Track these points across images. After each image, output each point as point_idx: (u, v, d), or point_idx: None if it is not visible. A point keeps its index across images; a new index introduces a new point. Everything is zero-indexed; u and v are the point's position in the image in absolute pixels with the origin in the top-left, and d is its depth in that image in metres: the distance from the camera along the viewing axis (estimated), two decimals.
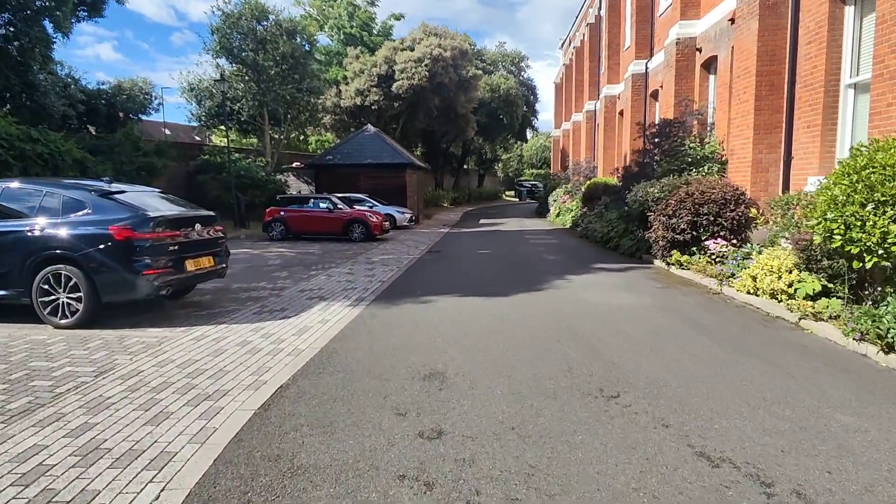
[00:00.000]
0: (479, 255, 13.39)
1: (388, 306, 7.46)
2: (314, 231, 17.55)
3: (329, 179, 24.84)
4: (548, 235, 18.62)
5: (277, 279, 9.86)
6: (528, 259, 12.49)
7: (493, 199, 52.04)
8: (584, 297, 7.85)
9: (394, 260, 12.66)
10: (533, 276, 10.00)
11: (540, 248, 14.93)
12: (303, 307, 7.40)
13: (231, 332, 6.06)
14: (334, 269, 11.07)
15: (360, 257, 13.16)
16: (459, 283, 9.37)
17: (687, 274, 9.27)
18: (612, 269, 10.66)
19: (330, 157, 25.11)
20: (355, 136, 26.00)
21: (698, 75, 13.04)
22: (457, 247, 15.63)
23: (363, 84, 28.45)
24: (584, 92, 28.98)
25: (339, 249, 14.89)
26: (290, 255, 13.52)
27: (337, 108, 29.70)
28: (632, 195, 11.44)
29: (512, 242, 16.56)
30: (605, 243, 14.04)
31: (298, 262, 12.17)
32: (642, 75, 17.14)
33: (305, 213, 17.54)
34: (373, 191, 24.19)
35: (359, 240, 17.10)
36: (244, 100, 22.78)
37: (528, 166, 77.31)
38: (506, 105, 37.58)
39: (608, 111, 21.42)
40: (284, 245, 16.12)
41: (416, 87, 27.32)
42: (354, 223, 17.18)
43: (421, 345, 5.55)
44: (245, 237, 18.72)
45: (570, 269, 10.74)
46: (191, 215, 7.20)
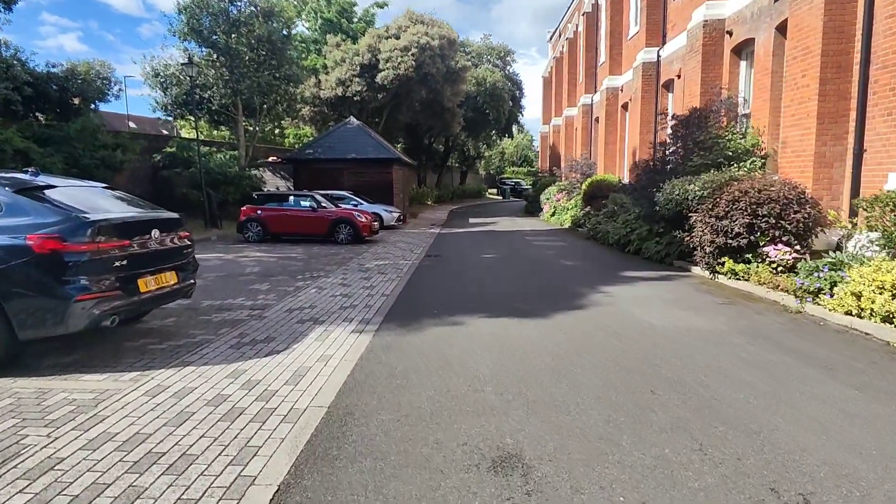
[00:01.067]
0: (486, 261, 11.91)
1: (402, 333, 5.90)
2: (295, 232, 15.80)
3: (309, 175, 23.02)
4: (550, 236, 17.26)
5: (258, 293, 8.19)
6: (543, 265, 11.07)
7: (477, 197, 50.62)
8: (642, 318, 6.43)
9: (391, 266, 11.07)
10: (560, 286, 8.57)
11: (549, 251, 13.54)
12: (294, 335, 5.78)
13: (200, 380, 4.42)
14: (324, 279, 9.43)
15: (351, 263, 11.53)
16: (477, 296, 7.87)
17: (744, 286, 7.96)
18: (648, 277, 9.30)
19: (310, 150, 23.28)
20: (337, 129, 24.21)
21: (728, 61, 11.81)
22: (456, 249, 14.12)
23: (345, 73, 26.62)
24: (576, 86, 27.79)
25: (326, 253, 13.21)
26: (270, 261, 11.79)
27: (316, 99, 27.80)
28: (664, 194, 10.11)
29: (515, 244, 15.13)
30: (623, 247, 12.72)
31: (281, 270, 10.48)
32: (653, 64, 15.91)
33: (285, 212, 15.78)
34: (357, 188, 22.49)
35: (345, 242, 15.43)
36: (215, 87, 20.75)
37: (509, 164, 76.42)
38: (492, 99, 36.13)
39: (609, 104, 20.19)
40: (262, 248, 14.34)
41: (401, 78, 25.64)
42: (341, 223, 15.50)
43: (467, 399, 4.03)
44: (217, 239, 16.83)
45: (598, 277, 9.35)
46: (146, 218, 5.51)
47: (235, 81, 20.51)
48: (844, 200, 8.29)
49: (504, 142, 69.38)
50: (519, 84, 41.70)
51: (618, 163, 20.40)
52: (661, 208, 10.25)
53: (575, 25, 27.58)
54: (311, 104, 28.03)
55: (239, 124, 22.29)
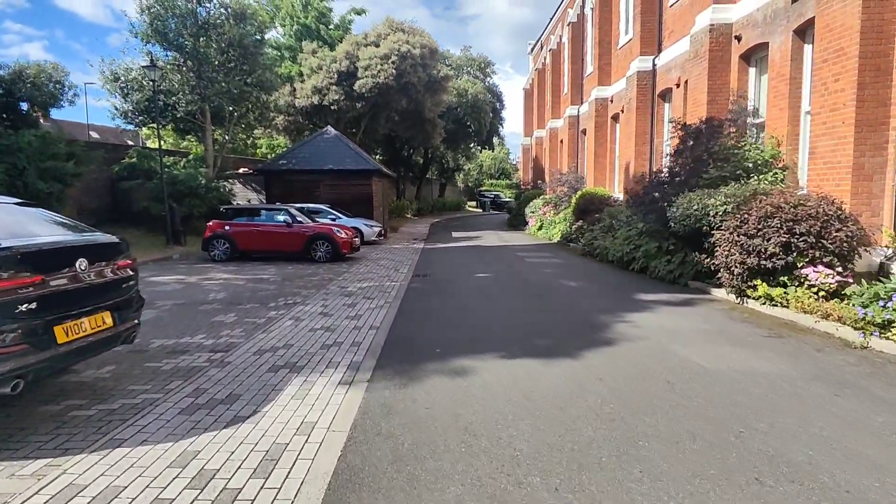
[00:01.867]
0: (482, 282, 10.82)
1: (402, 384, 4.73)
2: (267, 250, 14.44)
3: (282, 188, 21.65)
4: (542, 252, 16.30)
5: (222, 327, 6.89)
6: (546, 287, 10.03)
7: (457, 210, 49.72)
8: (687, 358, 5.41)
9: (376, 289, 9.87)
10: (575, 314, 7.52)
11: (546, 269, 12.53)
12: (265, 391, 4.55)
13: (133, 473, 3.17)
14: (302, 307, 8.17)
15: (331, 285, 10.28)
16: (483, 328, 6.76)
17: (785, 314, 7.03)
18: (668, 301, 8.33)
19: (283, 161, 21.93)
20: (313, 139, 22.95)
21: (736, 68, 11.11)
22: (445, 267, 12.99)
23: (321, 81, 25.42)
24: (560, 97, 27.22)
25: (302, 274, 11.92)
26: (238, 284, 10.44)
27: (291, 108, 26.49)
28: (679, 208, 9.21)
29: (508, 261, 14.10)
30: (626, 265, 11.80)
31: (251, 296, 9.16)
32: (649, 73, 15.24)
33: (257, 227, 14.42)
34: (334, 201, 21.23)
35: (324, 260, 14.15)
36: (181, 93, 19.29)
37: (488, 176, 76.04)
38: (473, 110, 35.39)
39: (599, 115, 19.51)
40: (230, 268, 12.95)
41: (381, 87, 24.58)
42: (318, 240, 14.22)
43: (511, 500, 2.88)
44: (179, 257, 15.33)
45: (612, 301, 8.35)
46: (70, 244, 4.24)
47: (203, 87, 19.11)
48: (886, 216, 7.51)
49: (483, 154, 69.06)
50: (499, 96, 41.21)
51: (608, 175, 19.68)
52: (675, 224, 9.34)
53: (559, 37, 27.07)
54: (285, 113, 26.71)
55: (207, 133, 20.83)
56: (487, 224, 32.49)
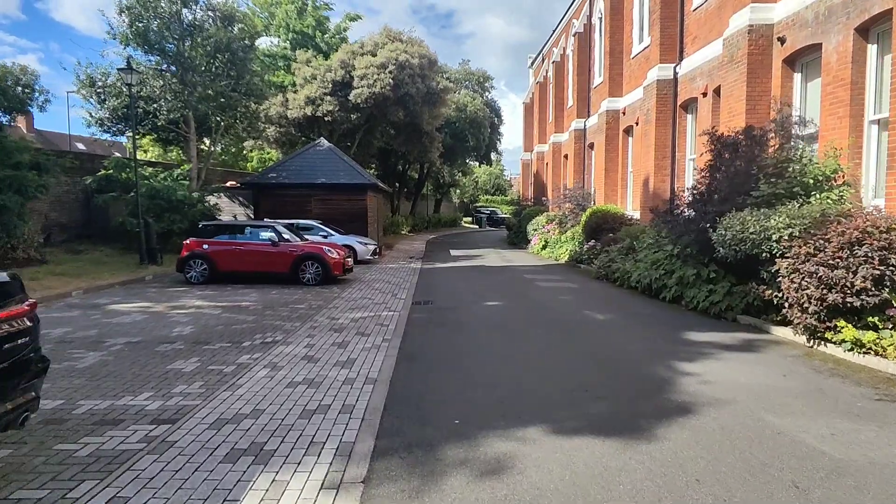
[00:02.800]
0: (494, 311, 9.40)
1: (413, 492, 3.28)
2: (250, 271, 12.94)
3: (272, 202, 20.25)
4: (553, 275, 14.93)
5: (176, 380, 5.41)
6: (572, 319, 8.63)
7: (453, 226, 48.46)
8: (800, 439, 3.99)
9: (372, 321, 8.43)
10: (623, 361, 6.12)
11: (563, 296, 11.15)
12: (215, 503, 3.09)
13: None
14: (282, 348, 6.70)
15: (319, 316, 8.82)
16: (512, 383, 5.33)
17: (880, 364, 5.67)
18: (727, 344, 6.94)
19: (273, 174, 20.54)
20: (305, 152, 21.61)
21: (779, 73, 9.91)
22: (449, 292, 11.58)
23: (315, 91, 24.17)
24: (563, 111, 26.15)
25: (288, 300, 10.44)
26: (211, 315, 8.95)
27: (283, 119, 25.19)
28: (729, 230, 7.88)
29: (517, 285, 12.71)
30: (655, 293, 10.45)
31: (222, 331, 7.68)
32: (669, 82, 14.08)
33: (239, 246, 12.95)
34: (327, 217, 19.86)
35: (313, 283, 12.69)
36: (162, 100, 17.93)
37: (483, 192, 75.10)
38: (472, 126, 34.30)
39: (610, 128, 18.34)
40: (206, 293, 11.45)
41: (377, 97, 23.36)
42: (307, 260, 12.77)
43: None
44: (152, 279, 13.80)
45: (660, 343, 6.95)
46: None
47: (187, 94, 17.75)
48: None
49: (478, 170, 68.10)
50: (497, 111, 40.23)
51: (619, 192, 18.45)
52: (724, 249, 7.99)
53: (562, 48, 26.10)
54: (277, 124, 25.41)
55: (191, 143, 19.43)
56: (486, 241, 31.19)
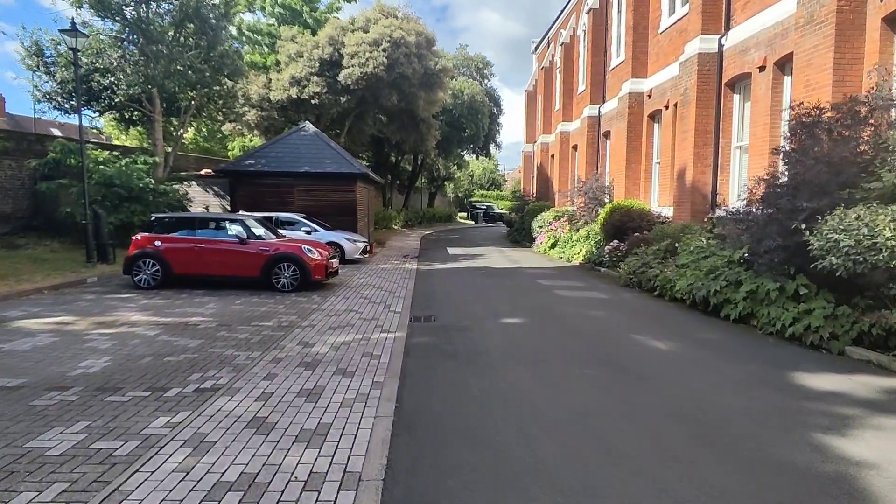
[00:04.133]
0: (516, 335, 7.28)
1: None
2: (213, 275, 10.71)
3: (250, 193, 17.99)
4: (571, 280, 12.84)
5: (25, 477, 3.22)
6: (623, 350, 6.53)
7: (448, 221, 46.25)
8: None
9: (358, 349, 6.28)
10: (737, 438, 4.01)
11: (596, 311, 9.05)
12: None
13: None
14: (222, 403, 4.53)
15: (288, 341, 6.65)
16: (576, 481, 3.22)
17: None
18: (868, 400, 4.86)
19: (251, 161, 18.24)
20: (288, 137, 19.32)
21: (876, 35, 7.85)
22: (454, 304, 9.44)
23: (300, 71, 21.82)
24: (573, 97, 24.02)
25: (252, 315, 8.24)
26: (142, 338, 6.72)
27: (265, 101, 22.83)
28: (845, 233, 5.80)
29: (535, 295, 10.60)
30: (714, 309, 8.39)
31: (146, 368, 5.48)
32: (713, 56, 11.99)
33: (199, 244, 10.69)
34: (311, 209, 17.67)
35: (288, 289, 10.50)
36: (121, 73, 15.56)
37: (478, 187, 73.01)
38: (471, 113, 32.07)
39: (633, 113, 16.24)
40: (154, 302, 9.21)
41: (369, 78, 21.06)
42: (282, 262, 10.56)
43: None
44: (97, 280, 11.52)
45: (768, 395, 4.87)
46: None
47: (150, 66, 15.39)
48: None
49: (473, 164, 65.91)
50: (497, 100, 38.02)
51: (642, 186, 16.38)
52: (839, 259, 5.89)
53: (572, 29, 23.92)
54: (258, 108, 23.04)
55: (156, 124, 17.08)
56: (485, 238, 29.09)
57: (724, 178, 12.07)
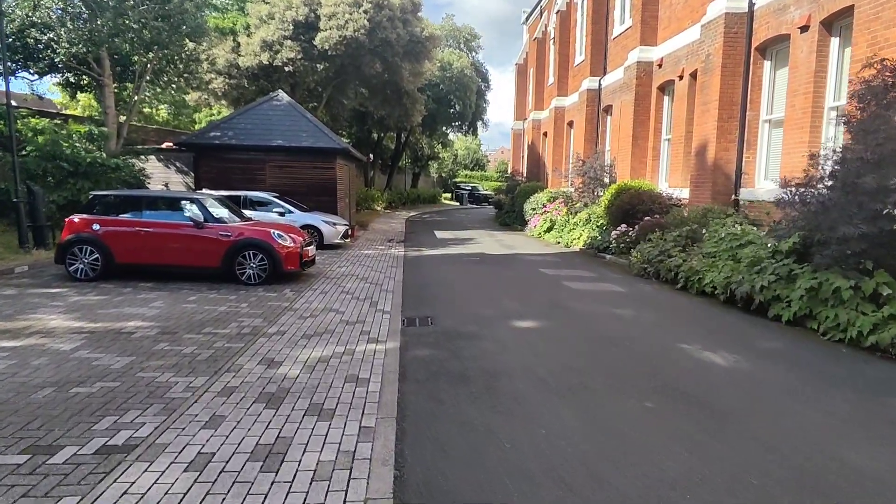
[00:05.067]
0: (535, 345, 5.87)
1: None
2: (165, 264, 9.03)
3: (216, 169, 16.16)
4: (577, 269, 11.49)
5: None
6: (673, 369, 5.17)
7: (432, 203, 44.55)
8: None
9: (340, 369, 4.78)
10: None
11: (620, 308, 7.69)
12: None
13: None
14: (134, 473, 3.00)
15: (247, 358, 5.11)
16: None
17: None
18: None
19: (217, 133, 16.34)
20: (258, 106, 17.40)
21: None
22: (452, 300, 7.98)
23: (272, 34, 19.74)
24: (568, 70, 22.44)
25: (207, 318, 6.64)
26: (51, 354, 5.07)
27: (233, 68, 20.73)
28: None
29: (543, 288, 9.20)
30: (760, 308, 7.12)
31: (40, 407, 3.88)
32: (742, 17, 10.56)
33: (146, 227, 8.96)
34: (285, 188, 15.96)
35: (255, 281, 8.90)
36: (63, 29, 13.44)
37: (462, 167, 71.28)
38: (458, 88, 30.25)
39: (641, 85, 14.78)
40: (87, 300, 7.53)
41: (349, 43, 19.12)
42: (247, 250, 8.93)
43: None
44: (28, 271, 9.72)
45: (866, 436, 3.58)
46: None
47: (93, 20, 13.30)
48: None
49: (459, 143, 64.02)
50: (485, 75, 36.14)
51: (649, 164, 15.03)
52: None
53: None
54: (226, 75, 20.93)
55: (106, 90, 15.02)
56: (472, 221, 27.62)
57: (751, 155, 10.76)
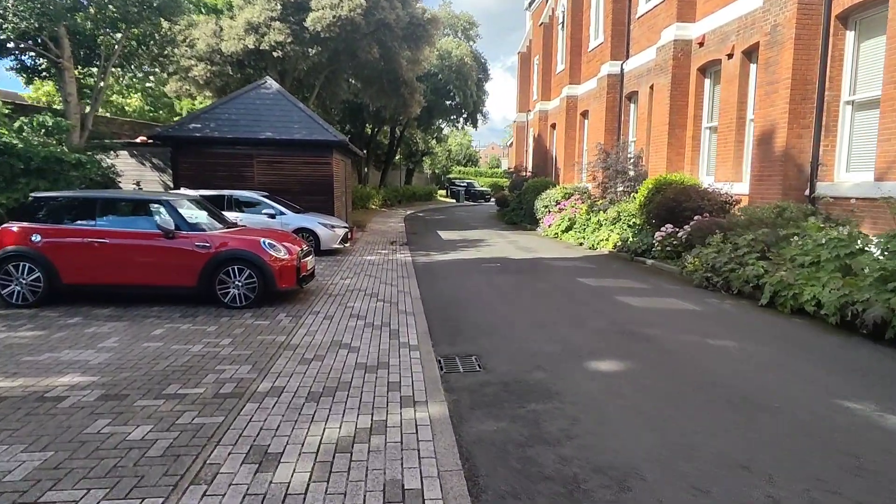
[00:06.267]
0: (640, 402, 4.14)
1: None
2: (125, 284, 7.15)
3: (196, 165, 14.30)
4: (620, 277, 9.79)
5: None
6: (867, 450, 3.48)
7: (428, 200, 42.76)
8: None
9: (367, 462, 2.97)
10: None
11: (716, 337, 6.00)
12: None
13: None
14: None
15: (226, 449, 3.28)
16: None
17: None
18: None
19: (196, 125, 14.42)
20: (245, 94, 15.51)
21: None
22: (491, 324, 6.23)
23: (258, 15, 17.79)
24: (581, 56, 20.74)
25: (172, 367, 4.80)
26: None
27: (216, 53, 18.75)
28: None
29: (596, 306, 7.49)
30: (883, 332, 5.47)
31: None
32: None
33: (102, 237, 7.07)
34: (275, 186, 14.16)
35: (241, 304, 7.08)
36: (10, 2, 11.45)
37: (455, 163, 69.63)
38: (458, 78, 28.43)
39: (679, 66, 13.09)
40: (16, 337, 5.62)
41: (344, 24, 17.24)
42: (231, 264, 7.08)
43: None
44: None
45: None
46: None
47: None
48: None
49: (452, 138, 62.27)
50: (484, 65, 34.29)
51: (688, 156, 13.37)
52: None
53: None
54: (207, 61, 18.94)
55: (66, 74, 13.00)
56: (474, 219, 25.91)
57: (830, 142, 9.13)
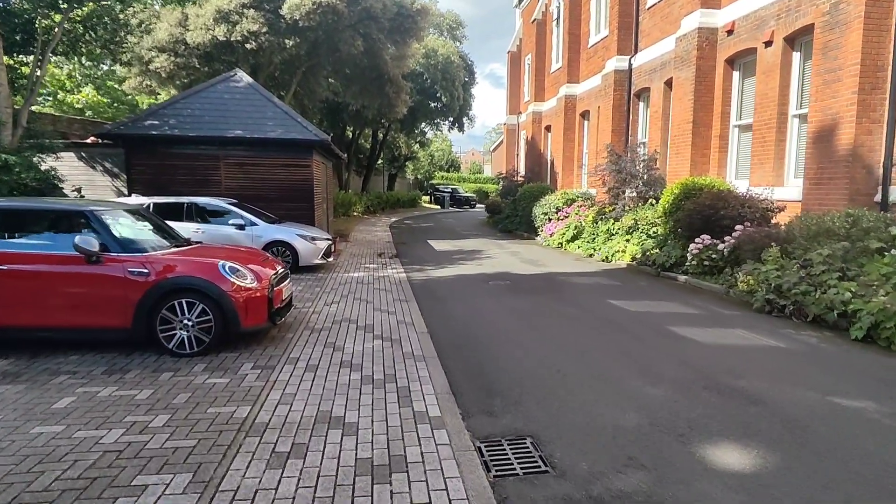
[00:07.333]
0: None
1: None
2: (32, 325, 5.27)
3: (153, 168, 12.39)
4: (659, 300, 8.24)
5: None
6: None
7: (412, 207, 41.01)
8: None
9: None
10: None
11: (831, 390, 4.43)
12: None
13: None
14: None
15: None
16: None
17: None
18: None
19: (154, 122, 12.49)
20: (211, 87, 13.63)
21: None
22: (540, 379, 4.56)
23: (229, 3, 15.96)
24: (580, 54, 19.39)
25: (73, 478, 3.00)
26: None
27: (180, 44, 16.80)
28: None
29: (654, 344, 5.90)
30: None
31: None
32: None
33: (9, 261, 5.21)
34: (245, 192, 12.35)
35: (193, 351, 5.26)
36: None
37: (438, 168, 68.15)
38: (444, 78, 26.87)
39: (704, 58, 11.72)
40: None
41: (325, 12, 15.49)
42: (178, 296, 5.27)
43: None
44: None
45: None
46: None
47: None
48: None
49: (433, 144, 60.72)
50: (470, 66, 32.82)
51: (713, 157, 11.98)
52: None
53: None
54: (171, 52, 16.96)
55: None
56: (464, 227, 24.30)
57: None
